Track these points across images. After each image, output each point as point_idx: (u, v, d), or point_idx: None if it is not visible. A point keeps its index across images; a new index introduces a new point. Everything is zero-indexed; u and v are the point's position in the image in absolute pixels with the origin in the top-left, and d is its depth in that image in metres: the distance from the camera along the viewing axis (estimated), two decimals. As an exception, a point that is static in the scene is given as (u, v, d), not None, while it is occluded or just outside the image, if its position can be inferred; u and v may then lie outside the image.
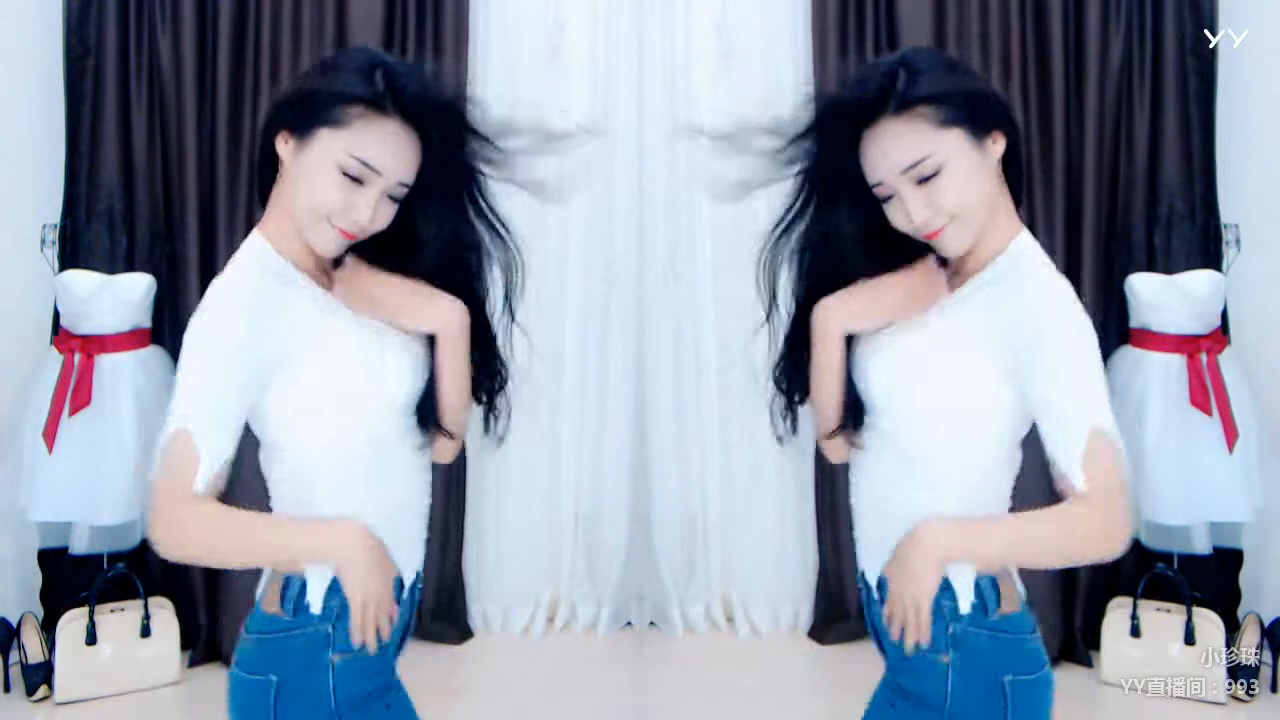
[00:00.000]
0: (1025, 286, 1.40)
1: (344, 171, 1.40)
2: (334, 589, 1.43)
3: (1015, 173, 1.48)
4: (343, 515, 1.43)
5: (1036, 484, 1.49)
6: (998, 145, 1.43)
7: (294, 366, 1.41)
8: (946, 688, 1.43)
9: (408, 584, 1.53)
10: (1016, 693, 1.45)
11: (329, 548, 1.41)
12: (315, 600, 1.43)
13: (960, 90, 1.41)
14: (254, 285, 1.41)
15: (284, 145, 1.44)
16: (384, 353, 1.46)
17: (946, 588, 1.43)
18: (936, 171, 1.39)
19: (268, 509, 1.49)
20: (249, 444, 1.46)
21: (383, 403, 1.46)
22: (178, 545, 1.39)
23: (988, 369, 1.41)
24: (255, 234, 1.47)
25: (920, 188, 1.39)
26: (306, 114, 1.41)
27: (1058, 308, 1.38)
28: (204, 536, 1.38)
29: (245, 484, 1.48)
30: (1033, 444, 1.46)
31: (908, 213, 1.41)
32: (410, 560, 1.53)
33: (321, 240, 1.43)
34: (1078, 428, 1.38)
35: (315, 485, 1.45)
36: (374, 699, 1.49)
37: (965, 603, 1.43)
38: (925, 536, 1.40)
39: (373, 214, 1.42)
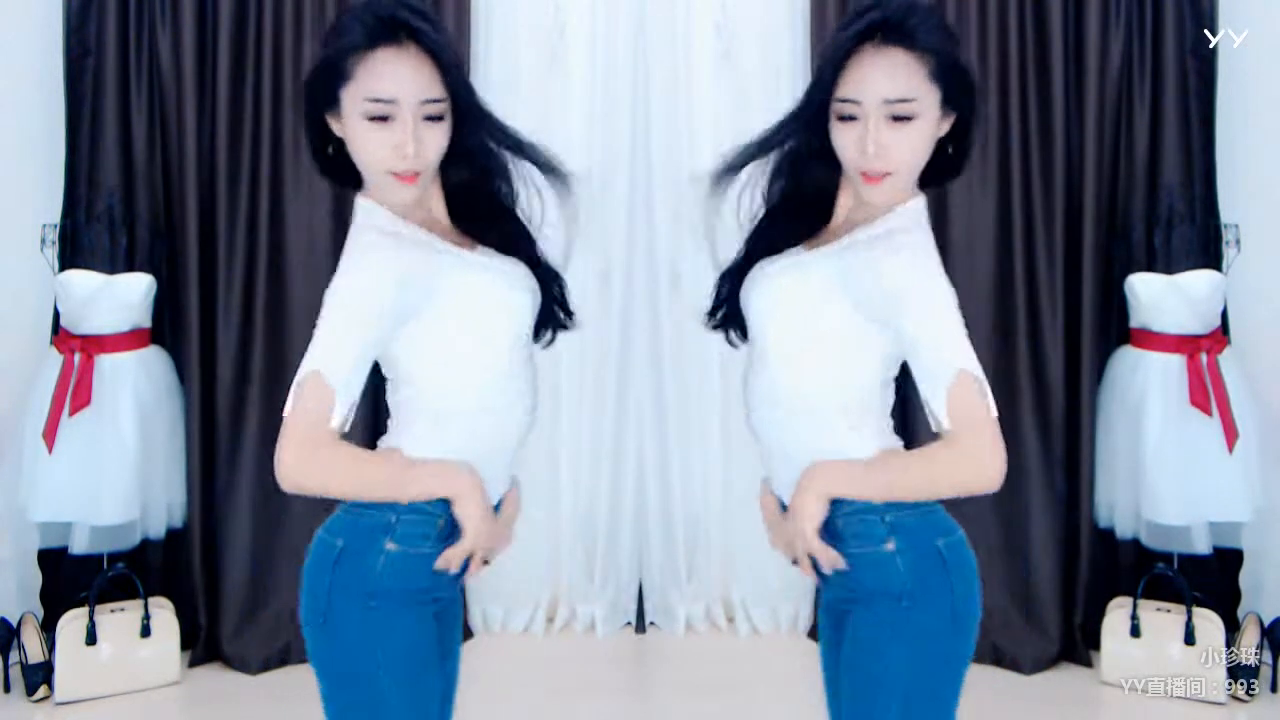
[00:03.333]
0: (891, 251, 1.49)
1: (369, 118, 1.47)
2: None
3: (958, 154, 1.58)
4: (468, 445, 1.56)
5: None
6: (946, 122, 1.54)
7: (429, 315, 1.51)
8: (899, 569, 1.53)
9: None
10: (949, 554, 1.55)
11: (454, 489, 1.52)
12: None
13: (955, 56, 1.52)
14: (389, 248, 1.49)
15: (336, 125, 1.53)
16: (511, 290, 1.59)
17: None
18: (910, 118, 1.48)
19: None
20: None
21: (510, 336, 1.59)
22: (305, 477, 1.46)
23: (847, 308, 1.51)
24: (363, 200, 1.57)
25: (890, 125, 1.48)
26: (326, 86, 1.50)
27: (915, 272, 1.48)
28: (333, 475, 1.47)
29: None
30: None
31: (865, 141, 1.48)
32: (496, 491, 1.62)
33: (395, 194, 1.53)
34: (941, 370, 1.45)
35: (450, 416, 1.56)
36: (422, 601, 1.57)
37: None
38: (811, 476, 1.53)
39: (414, 143, 1.48)
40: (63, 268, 3.26)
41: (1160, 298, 3.27)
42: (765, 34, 3.63)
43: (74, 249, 3.28)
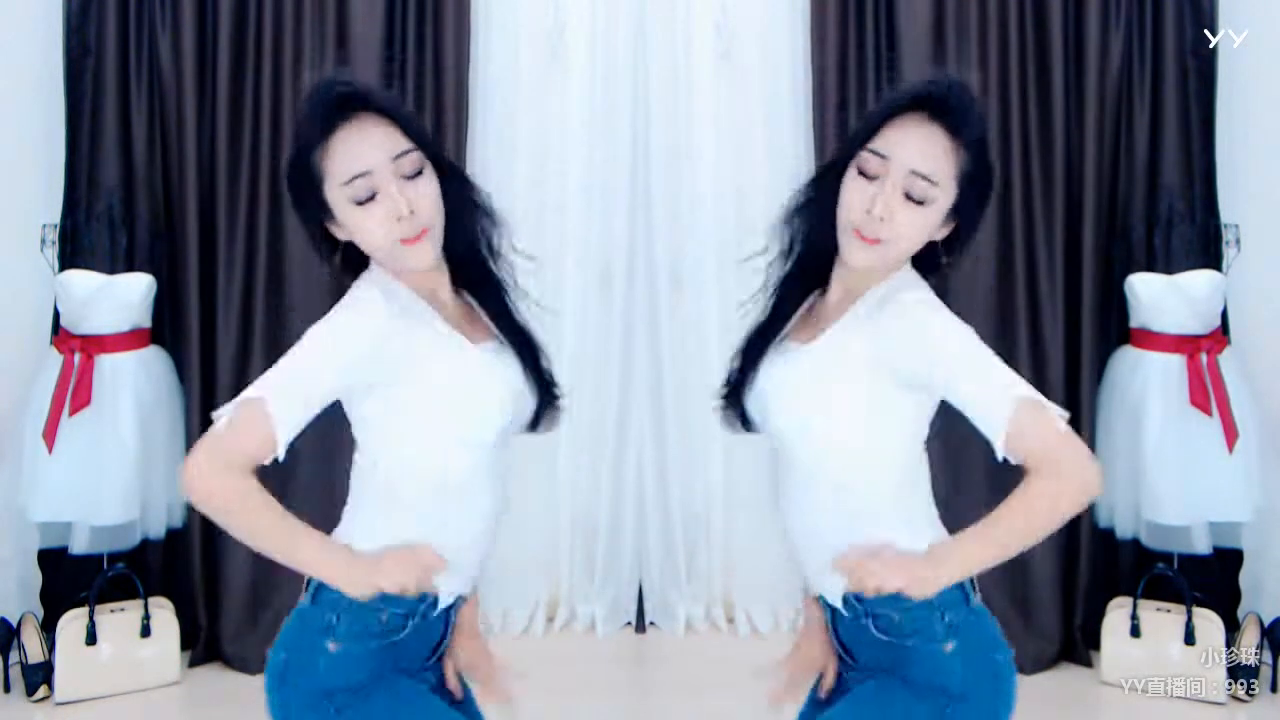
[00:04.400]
0: (904, 317, 1.47)
1: (355, 203, 1.46)
2: None
3: (951, 250, 1.56)
4: (418, 532, 1.50)
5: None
6: (944, 230, 1.53)
7: (401, 386, 1.48)
8: (957, 671, 1.52)
9: (444, 604, 1.59)
10: (1004, 669, 1.57)
11: (330, 575, 1.49)
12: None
13: (986, 166, 1.51)
14: (382, 307, 1.47)
15: (339, 231, 1.52)
16: (490, 386, 1.54)
17: None
18: (924, 202, 1.46)
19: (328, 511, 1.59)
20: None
21: (488, 433, 1.54)
22: (209, 495, 1.44)
23: (883, 382, 1.48)
24: (376, 271, 1.54)
25: (904, 203, 1.46)
26: (309, 196, 1.50)
27: (936, 326, 1.46)
28: (233, 507, 1.44)
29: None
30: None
31: (875, 201, 1.46)
32: (460, 585, 1.60)
33: (411, 262, 1.50)
34: (998, 411, 1.42)
35: (398, 500, 1.53)
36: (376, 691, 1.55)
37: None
38: (944, 557, 1.47)
39: (404, 201, 1.45)
40: (63, 268, 3.25)
41: (1160, 298, 3.27)
42: (765, 34, 3.63)
43: (74, 249, 3.27)
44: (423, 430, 1.51)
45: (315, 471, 3.00)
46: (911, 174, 1.46)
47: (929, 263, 1.58)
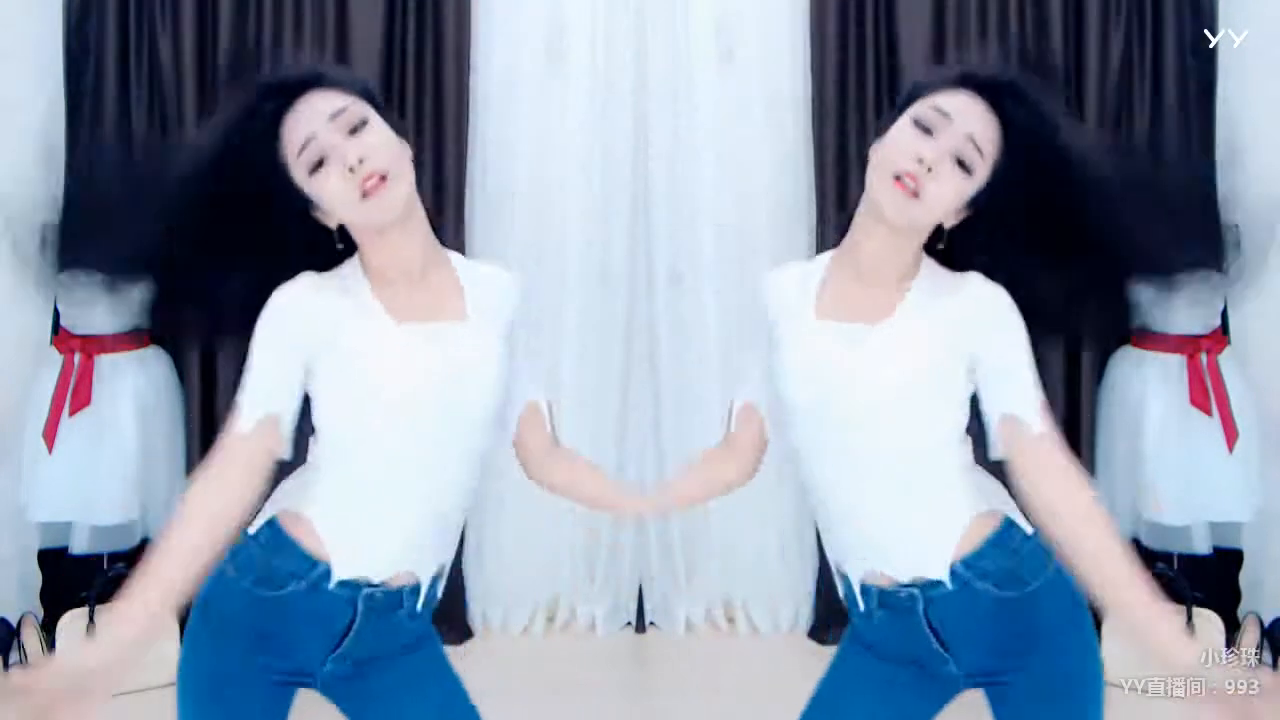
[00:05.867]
0: (987, 305, 1.51)
1: (312, 166, 1.46)
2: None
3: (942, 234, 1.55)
4: (327, 504, 1.52)
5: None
6: (962, 214, 1.52)
7: (326, 357, 1.49)
8: (1070, 582, 1.56)
9: (339, 578, 1.52)
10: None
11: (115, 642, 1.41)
12: None
13: (1018, 167, 1.50)
14: (304, 284, 1.51)
15: (320, 214, 1.52)
16: (400, 364, 1.50)
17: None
18: (970, 170, 1.47)
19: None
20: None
21: (377, 406, 1.50)
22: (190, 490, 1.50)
23: (958, 362, 1.50)
24: (353, 260, 1.56)
25: (954, 164, 1.46)
26: (283, 185, 1.49)
27: (1013, 313, 1.50)
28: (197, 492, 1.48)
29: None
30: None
31: (924, 150, 1.45)
32: (364, 568, 1.53)
33: (374, 214, 1.47)
34: (1030, 385, 1.50)
35: (317, 470, 1.54)
36: (242, 636, 1.54)
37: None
38: (1172, 644, 1.58)
39: (351, 153, 1.44)
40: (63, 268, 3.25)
41: (1160, 298, 3.26)
42: (765, 34, 3.63)
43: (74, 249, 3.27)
44: (331, 404, 1.51)
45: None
46: (969, 138, 1.46)
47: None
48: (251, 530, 1.53)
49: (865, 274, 1.56)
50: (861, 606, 1.60)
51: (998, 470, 1.57)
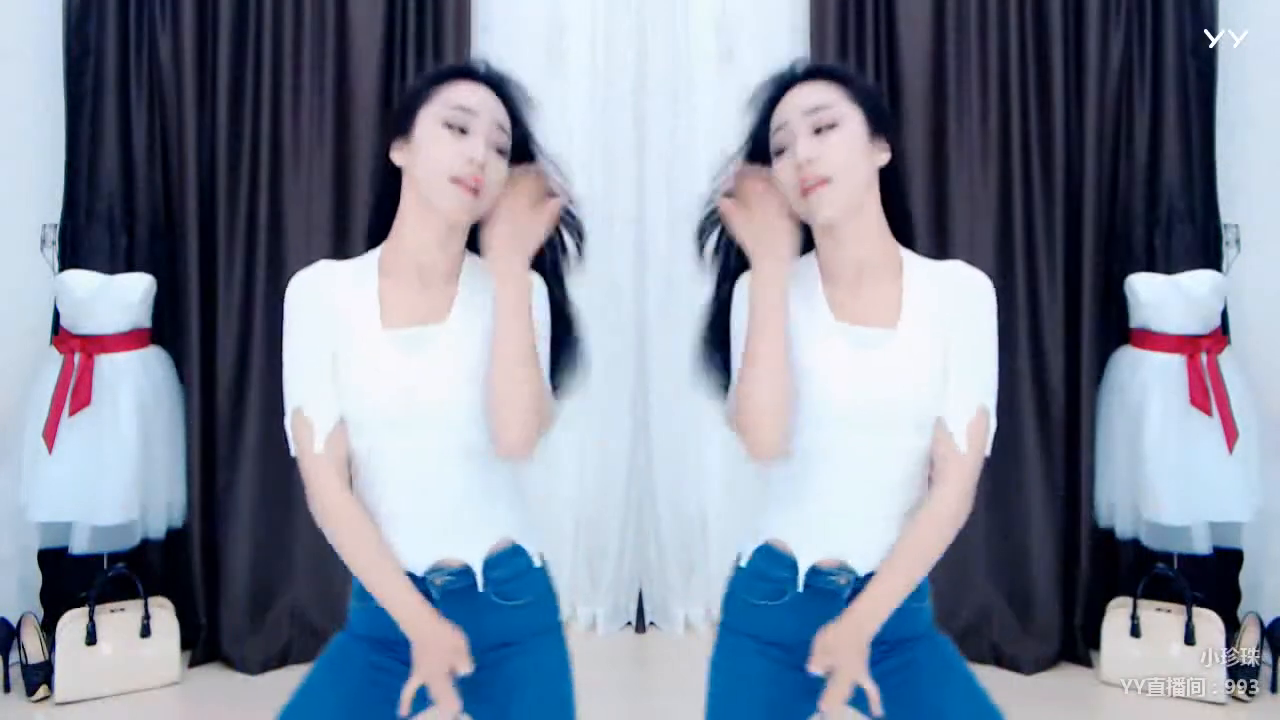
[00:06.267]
0: (960, 275, 1.58)
1: (447, 124, 1.51)
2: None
3: (897, 201, 1.60)
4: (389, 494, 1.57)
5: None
6: (882, 154, 1.56)
7: (338, 348, 1.56)
8: (928, 612, 1.66)
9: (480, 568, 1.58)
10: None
11: (411, 633, 1.54)
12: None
13: (868, 88, 1.58)
14: (319, 275, 1.59)
15: (399, 152, 1.56)
16: (393, 367, 1.53)
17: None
18: (834, 124, 1.51)
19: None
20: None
21: (364, 409, 1.54)
22: (312, 509, 1.56)
23: (942, 351, 1.56)
24: (375, 251, 1.61)
25: (815, 136, 1.50)
26: (404, 111, 1.56)
27: (988, 294, 1.59)
28: (324, 514, 1.55)
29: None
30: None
31: (797, 154, 1.50)
32: (469, 548, 1.58)
33: (450, 201, 1.51)
34: (970, 400, 1.56)
35: (357, 473, 1.58)
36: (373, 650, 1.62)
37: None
38: (855, 626, 1.53)
39: (483, 154, 1.50)
40: (63, 268, 3.26)
41: (1160, 298, 3.27)
42: (765, 34, 3.63)
43: (74, 249, 3.27)
44: (352, 412, 1.55)
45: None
46: (806, 114, 1.51)
47: (906, 235, 1.63)
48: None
49: (852, 278, 1.58)
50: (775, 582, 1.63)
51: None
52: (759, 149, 1.60)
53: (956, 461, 1.53)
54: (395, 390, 1.52)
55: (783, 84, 1.58)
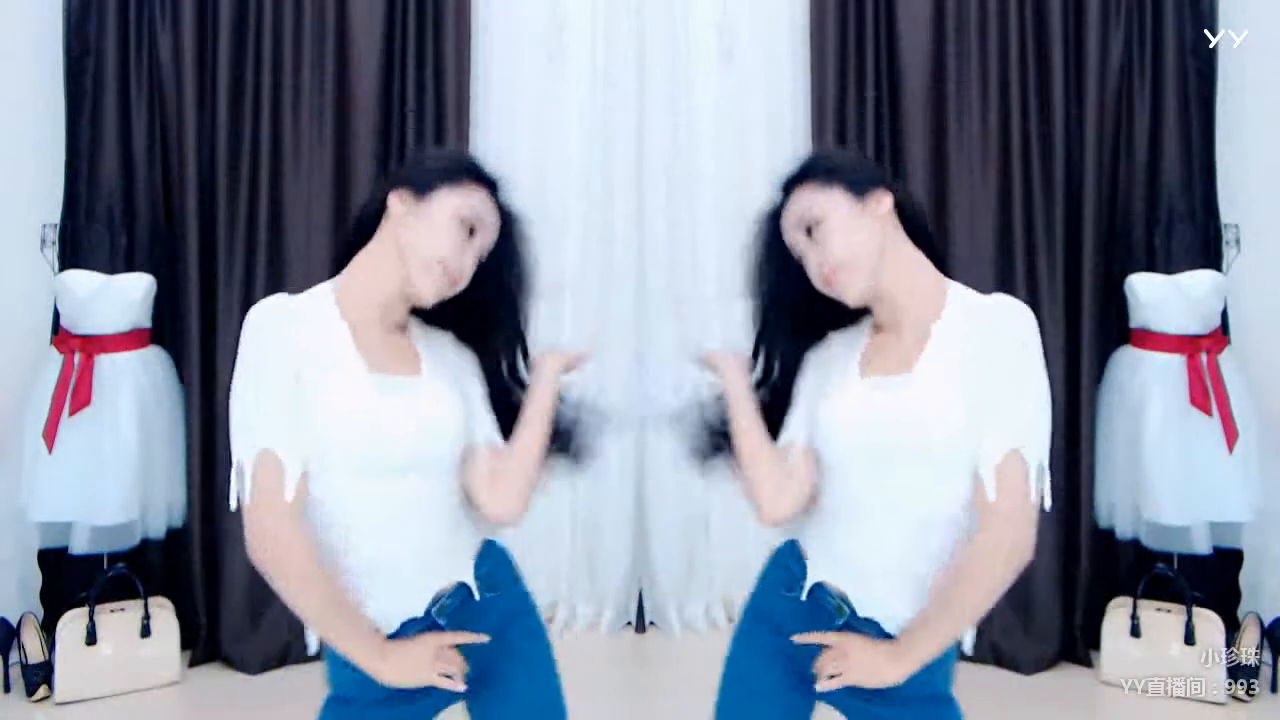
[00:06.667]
0: (993, 313, 1.54)
1: (461, 221, 1.56)
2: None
3: (920, 233, 1.62)
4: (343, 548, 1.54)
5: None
6: (882, 202, 1.58)
7: (307, 401, 1.50)
8: (946, 672, 1.66)
9: (394, 626, 1.60)
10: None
11: (363, 665, 1.54)
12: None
13: (840, 163, 1.63)
14: (283, 316, 1.53)
15: (399, 201, 1.57)
16: (381, 411, 1.52)
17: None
18: (819, 220, 1.57)
19: None
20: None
21: (349, 461, 1.51)
22: (264, 552, 1.49)
23: (972, 398, 1.52)
24: (325, 287, 1.59)
25: (812, 239, 1.59)
26: (427, 176, 1.58)
27: (1022, 330, 1.52)
28: (278, 564, 1.48)
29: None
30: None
31: (807, 260, 1.60)
32: (402, 606, 1.60)
33: (430, 284, 1.56)
34: (1000, 443, 1.50)
35: (315, 517, 1.53)
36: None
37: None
38: (908, 651, 1.55)
39: (472, 264, 1.59)
40: (63, 268, 3.26)
41: (1160, 298, 3.27)
42: (765, 34, 3.63)
43: (74, 249, 3.28)
44: (319, 455, 1.50)
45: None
46: (798, 226, 1.60)
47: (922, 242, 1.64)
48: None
49: (889, 325, 1.62)
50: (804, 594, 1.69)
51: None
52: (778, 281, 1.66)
53: (987, 510, 1.49)
54: (374, 433, 1.51)
55: (774, 217, 1.65)
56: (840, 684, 1.60)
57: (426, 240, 1.55)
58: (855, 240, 1.56)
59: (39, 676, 3.14)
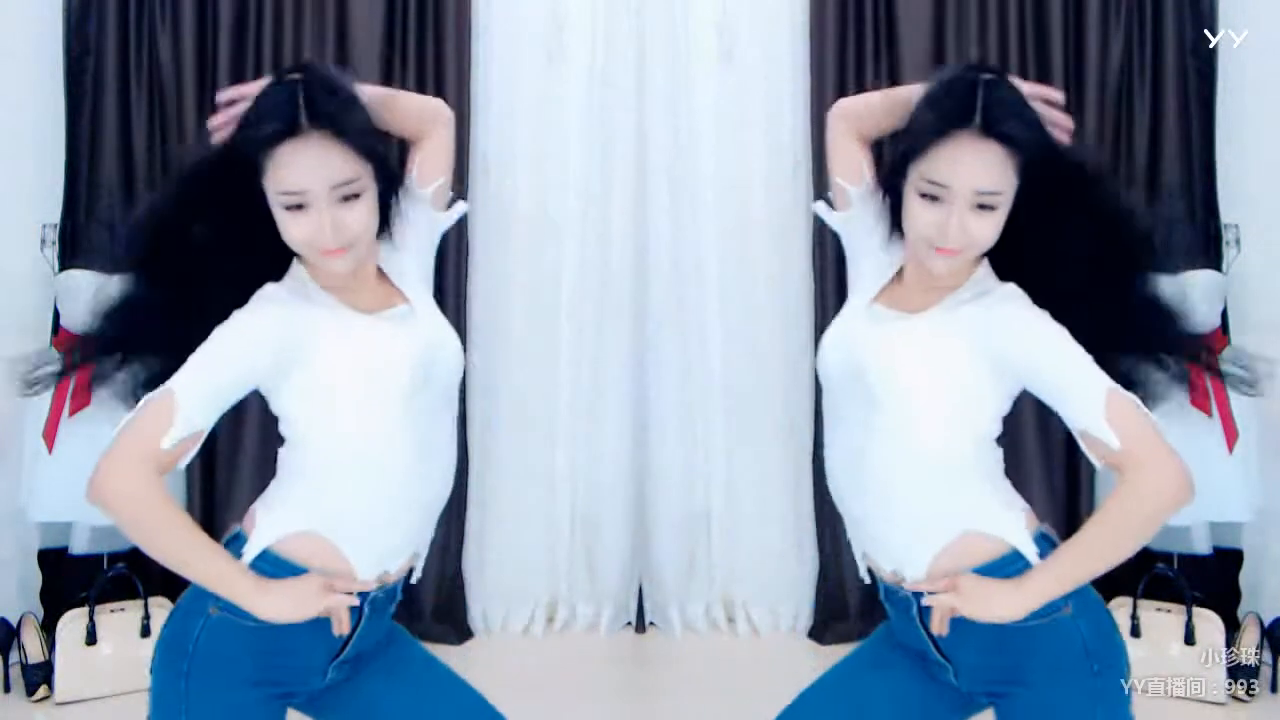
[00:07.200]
0: (1005, 306, 1.51)
1: (284, 207, 1.47)
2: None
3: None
4: (351, 506, 1.52)
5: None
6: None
7: (305, 369, 1.49)
8: (1083, 632, 1.54)
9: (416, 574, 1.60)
10: (1108, 615, 1.63)
11: (232, 594, 1.46)
12: None
13: (1034, 153, 1.48)
14: (282, 296, 1.52)
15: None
16: (377, 351, 1.52)
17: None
18: (995, 207, 1.48)
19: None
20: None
21: (398, 388, 1.51)
22: (113, 496, 1.54)
23: (980, 363, 1.50)
24: (295, 264, 1.57)
25: (975, 212, 1.47)
26: (248, 178, 1.48)
27: (1036, 318, 1.49)
28: (136, 508, 1.52)
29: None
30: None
31: (949, 224, 1.47)
32: (370, 568, 1.54)
33: (329, 267, 1.51)
34: (1094, 394, 1.45)
35: (329, 474, 1.52)
36: (257, 684, 1.52)
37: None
38: (1030, 588, 1.47)
39: (331, 227, 1.46)
40: (63, 268, 3.25)
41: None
42: (765, 34, 3.63)
43: (74, 249, 3.27)
44: (324, 407, 1.51)
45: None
46: (977, 194, 1.47)
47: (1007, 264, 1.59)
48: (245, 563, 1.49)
49: (919, 277, 1.59)
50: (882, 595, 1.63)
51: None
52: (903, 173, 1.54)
53: (1118, 458, 1.47)
54: (395, 368, 1.51)
55: (960, 122, 1.47)
56: (953, 615, 1.49)
57: (286, 240, 1.50)
58: (995, 235, 1.50)
59: (39, 676, 3.14)
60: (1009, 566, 1.51)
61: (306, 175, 1.45)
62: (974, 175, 1.46)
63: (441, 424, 1.60)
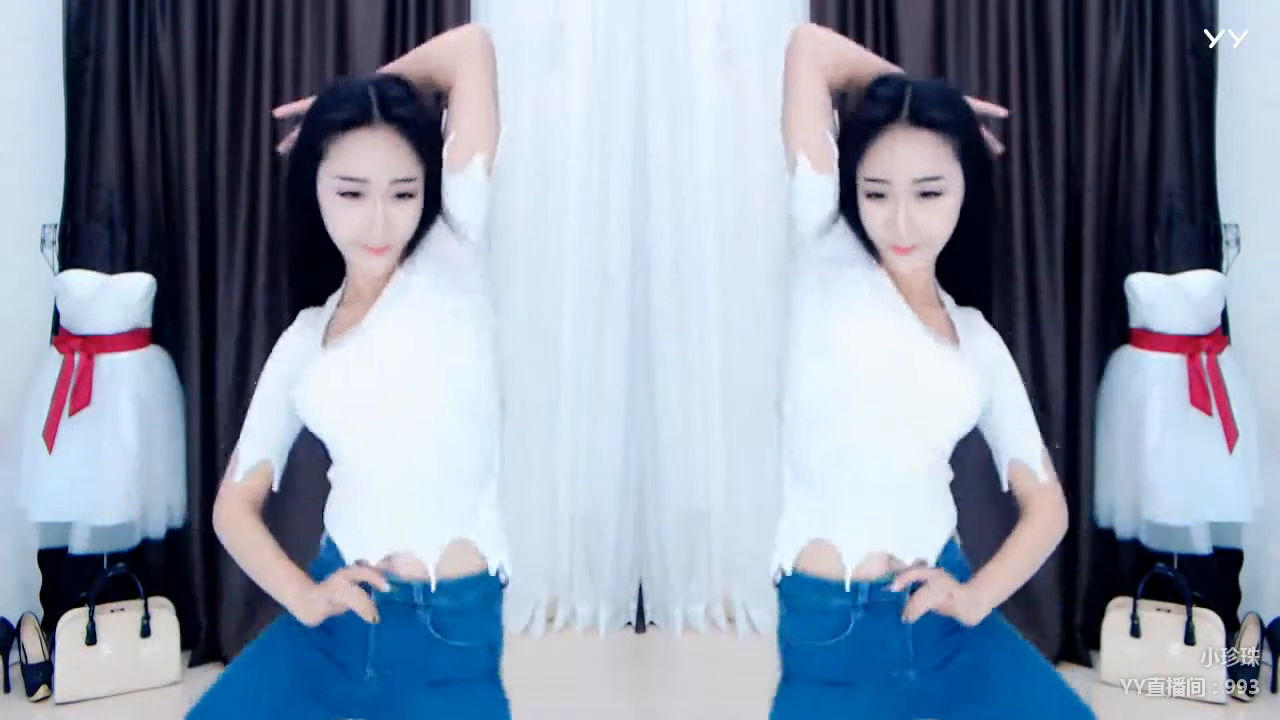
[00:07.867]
0: (985, 333, 1.70)
1: (340, 194, 1.51)
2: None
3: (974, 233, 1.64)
4: (360, 512, 1.68)
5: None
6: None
7: (300, 387, 1.62)
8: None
9: (433, 580, 1.70)
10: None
11: (282, 600, 1.67)
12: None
13: (973, 138, 1.56)
14: (298, 326, 1.69)
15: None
16: (314, 381, 1.61)
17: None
18: (939, 193, 1.52)
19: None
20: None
21: (325, 415, 1.62)
22: (215, 526, 1.76)
23: (976, 376, 1.63)
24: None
25: (920, 201, 1.51)
26: (306, 165, 1.54)
27: (1007, 354, 1.71)
28: (223, 531, 1.74)
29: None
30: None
31: (897, 219, 1.51)
32: (424, 548, 1.67)
33: (362, 264, 1.56)
34: (1035, 433, 1.71)
35: (338, 483, 1.71)
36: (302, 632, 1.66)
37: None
38: (987, 587, 1.67)
39: (383, 220, 1.50)
40: (63, 268, 3.26)
41: (1160, 298, 3.27)
42: (765, 34, 3.63)
43: (74, 249, 3.27)
44: (316, 428, 1.66)
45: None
46: (916, 182, 1.51)
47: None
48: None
49: (911, 280, 1.63)
50: (847, 606, 1.69)
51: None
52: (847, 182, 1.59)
53: (1041, 490, 1.70)
54: (349, 392, 1.59)
55: (890, 119, 1.52)
56: (924, 607, 1.61)
57: (332, 231, 1.57)
58: (949, 224, 1.56)
59: (39, 676, 3.14)
60: (954, 547, 1.73)
61: (371, 165, 1.50)
62: (910, 164, 1.51)
63: (410, 436, 1.61)
